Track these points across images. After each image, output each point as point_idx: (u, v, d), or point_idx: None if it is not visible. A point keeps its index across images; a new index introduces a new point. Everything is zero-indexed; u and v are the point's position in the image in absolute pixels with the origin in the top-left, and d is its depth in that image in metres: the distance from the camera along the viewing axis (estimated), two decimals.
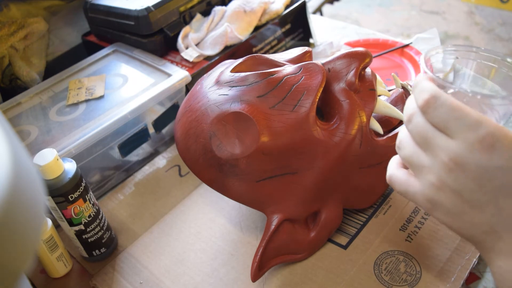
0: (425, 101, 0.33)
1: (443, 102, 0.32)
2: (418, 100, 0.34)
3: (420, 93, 0.34)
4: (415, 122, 0.35)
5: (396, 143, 0.38)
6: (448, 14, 2.47)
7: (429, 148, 0.34)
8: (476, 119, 0.31)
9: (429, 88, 0.34)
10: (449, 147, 0.32)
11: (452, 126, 0.32)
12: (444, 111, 0.32)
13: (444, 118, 0.32)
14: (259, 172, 0.48)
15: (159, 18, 0.74)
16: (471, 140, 0.31)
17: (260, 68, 0.52)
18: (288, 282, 0.51)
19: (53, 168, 0.49)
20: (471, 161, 0.31)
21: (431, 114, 0.33)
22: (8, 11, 0.81)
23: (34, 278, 0.57)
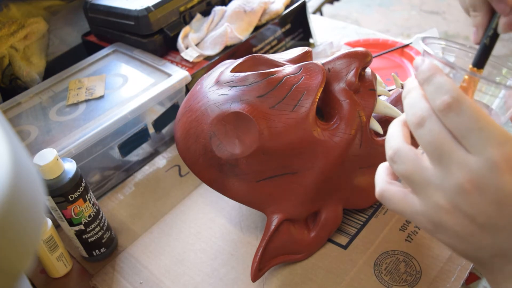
0: (447, 104, 0.28)
1: (467, 108, 0.28)
2: (436, 100, 0.29)
3: (439, 92, 0.29)
4: (430, 127, 0.29)
5: (388, 154, 0.32)
6: (448, 14, 2.47)
7: (441, 161, 0.29)
8: (502, 134, 0.27)
9: (451, 87, 0.29)
10: (468, 164, 0.28)
11: (474, 138, 0.28)
12: (467, 119, 0.28)
13: (466, 127, 0.28)
14: (259, 172, 0.48)
15: (159, 18, 0.74)
16: (495, 159, 0.27)
17: (260, 68, 0.52)
18: (288, 282, 0.51)
19: (53, 168, 0.49)
20: (492, 182, 0.27)
21: (451, 120, 0.28)
22: (8, 11, 0.81)
23: (34, 278, 0.57)
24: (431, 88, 0.30)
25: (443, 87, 0.29)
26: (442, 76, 0.30)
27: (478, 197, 0.28)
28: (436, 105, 0.29)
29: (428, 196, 0.30)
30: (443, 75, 0.30)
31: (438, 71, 0.30)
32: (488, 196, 0.27)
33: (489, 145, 0.27)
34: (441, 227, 0.30)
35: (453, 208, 0.29)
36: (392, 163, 0.32)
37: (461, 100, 0.28)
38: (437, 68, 0.31)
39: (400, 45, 0.82)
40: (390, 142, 0.33)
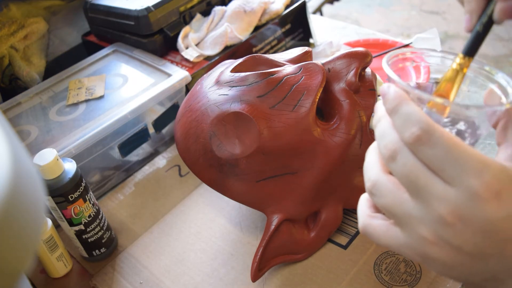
0: (416, 136, 0.27)
1: (438, 139, 0.27)
2: (405, 132, 0.28)
3: (407, 123, 0.28)
4: (403, 161, 0.28)
5: (367, 185, 0.31)
6: (448, 14, 2.47)
7: (420, 195, 0.28)
8: (479, 162, 0.26)
9: (419, 118, 0.28)
10: (447, 196, 0.27)
11: (450, 170, 0.27)
12: (440, 151, 0.27)
13: (440, 159, 0.27)
14: (259, 172, 0.48)
15: (159, 18, 0.74)
16: (475, 189, 0.26)
17: (260, 68, 0.52)
18: (288, 282, 0.51)
19: (53, 168, 0.49)
20: (475, 213, 0.26)
21: (423, 153, 0.27)
22: (8, 11, 0.81)
23: (34, 278, 0.57)
24: (399, 120, 0.29)
25: (410, 118, 0.28)
26: (409, 106, 0.28)
27: (463, 228, 0.27)
28: (405, 137, 0.28)
29: (411, 229, 0.29)
30: (410, 104, 0.29)
31: (404, 99, 0.29)
32: (472, 226, 0.26)
33: (467, 176, 0.26)
34: (428, 259, 0.29)
35: (438, 239, 0.28)
36: (372, 195, 0.31)
37: (431, 131, 0.27)
38: (403, 96, 0.29)
39: (400, 45, 0.82)
40: (368, 173, 0.31)
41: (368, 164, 0.32)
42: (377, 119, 0.32)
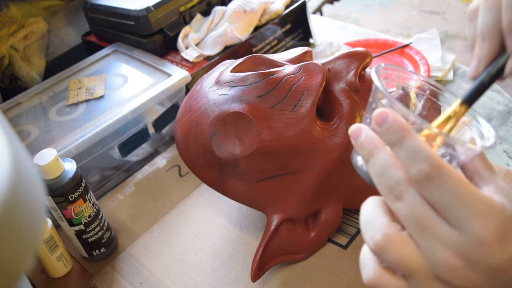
0: (425, 174, 0.26)
1: (447, 178, 0.26)
2: (412, 169, 0.27)
3: (414, 159, 0.27)
4: (409, 202, 0.27)
5: (375, 241, 0.28)
6: (448, 14, 2.47)
7: (424, 237, 0.27)
8: (487, 205, 0.26)
9: (428, 154, 0.26)
10: (453, 240, 0.26)
11: (456, 213, 0.26)
12: (448, 192, 0.26)
13: (447, 201, 0.26)
14: (259, 172, 0.48)
15: (159, 18, 0.74)
16: (481, 234, 0.26)
17: (260, 68, 0.52)
18: (288, 282, 0.51)
19: (53, 168, 0.49)
20: (481, 257, 0.26)
21: (430, 192, 0.26)
22: (8, 11, 0.81)
23: (34, 278, 0.57)
24: (404, 154, 0.27)
25: (418, 153, 0.27)
26: (416, 139, 0.27)
27: (468, 272, 0.26)
28: (413, 174, 0.27)
29: (420, 277, 0.28)
30: (416, 138, 0.27)
31: (410, 131, 0.27)
32: (479, 270, 0.26)
33: (473, 220, 0.26)
34: None
35: (444, 283, 0.27)
36: (381, 252, 0.28)
37: (441, 169, 0.26)
38: (407, 128, 0.27)
39: (400, 45, 0.82)
40: (374, 227, 0.29)
41: (370, 218, 0.29)
42: (367, 153, 0.30)
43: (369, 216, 0.30)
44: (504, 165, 0.61)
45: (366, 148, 0.30)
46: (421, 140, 0.27)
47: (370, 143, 0.29)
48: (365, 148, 0.30)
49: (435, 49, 0.81)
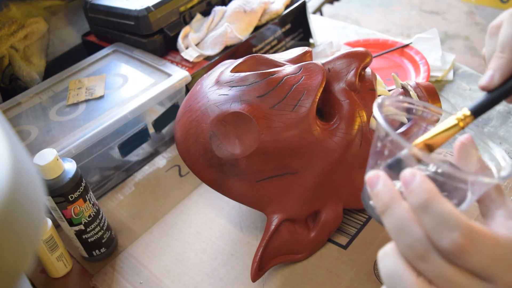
0: (459, 246, 0.25)
1: (482, 248, 0.25)
2: (442, 239, 0.25)
3: (443, 227, 0.25)
4: (438, 264, 0.26)
5: None
6: (448, 14, 2.47)
7: None
8: None
9: (458, 221, 0.25)
10: None
11: (490, 271, 0.25)
12: (482, 257, 0.25)
13: (480, 265, 0.25)
14: (259, 172, 0.48)
15: (159, 18, 0.74)
16: None
17: (260, 68, 0.52)
18: (288, 282, 0.51)
19: (53, 168, 0.49)
20: None
21: (464, 261, 0.25)
22: (8, 11, 0.81)
23: (34, 278, 0.57)
24: (431, 220, 0.26)
25: (448, 220, 0.25)
26: (443, 204, 0.25)
27: None
28: (443, 244, 0.25)
29: None
30: (444, 202, 0.26)
31: (436, 194, 0.26)
32: None
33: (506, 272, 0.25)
34: None
35: None
36: None
37: (474, 237, 0.25)
38: (434, 190, 0.26)
39: (400, 45, 0.82)
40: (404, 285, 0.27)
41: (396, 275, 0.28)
42: (383, 204, 0.28)
43: (393, 273, 0.28)
44: None
45: (382, 199, 0.28)
46: (450, 205, 0.26)
47: (386, 193, 0.28)
48: (381, 198, 0.28)
49: (435, 49, 0.81)
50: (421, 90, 0.53)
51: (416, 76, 0.76)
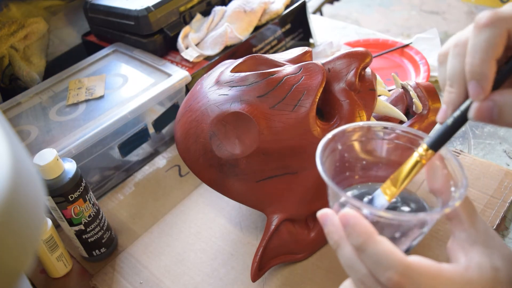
0: (395, 283, 0.27)
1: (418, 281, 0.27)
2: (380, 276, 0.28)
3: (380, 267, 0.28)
4: None
5: None
6: (448, 14, 2.47)
7: None
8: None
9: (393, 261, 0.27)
10: None
11: None
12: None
13: None
14: (259, 172, 0.48)
15: (159, 18, 0.74)
16: None
17: (260, 68, 0.52)
18: (288, 282, 0.51)
19: (53, 168, 0.49)
20: None
21: None
22: (8, 11, 0.81)
23: (34, 278, 0.57)
24: (369, 260, 0.28)
25: (382, 260, 0.27)
26: (379, 244, 0.28)
27: None
28: (382, 282, 0.27)
29: None
30: (379, 243, 0.28)
31: (371, 236, 0.28)
32: None
33: None
34: None
35: None
36: None
37: (411, 274, 0.26)
38: (368, 231, 0.28)
39: (400, 45, 0.82)
40: None
41: None
42: (334, 243, 0.30)
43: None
44: (504, 165, 0.61)
45: (332, 238, 0.31)
46: (384, 244, 0.27)
47: (335, 233, 0.30)
48: (331, 238, 0.31)
49: (435, 49, 0.81)
50: (421, 90, 0.53)
51: (416, 76, 0.76)
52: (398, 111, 0.52)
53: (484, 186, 0.57)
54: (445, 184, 0.33)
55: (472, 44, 0.30)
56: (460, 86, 0.32)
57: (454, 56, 0.32)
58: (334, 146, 0.37)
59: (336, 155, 0.37)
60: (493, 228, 0.52)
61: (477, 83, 0.30)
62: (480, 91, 0.30)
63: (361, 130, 0.37)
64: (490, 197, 0.56)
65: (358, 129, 0.37)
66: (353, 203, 0.30)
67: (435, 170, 0.34)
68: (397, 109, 0.52)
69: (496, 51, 0.29)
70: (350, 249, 0.29)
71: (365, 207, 0.30)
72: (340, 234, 0.30)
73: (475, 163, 0.60)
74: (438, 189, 0.34)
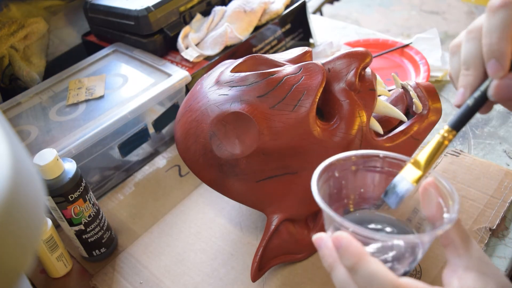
0: None
1: None
2: None
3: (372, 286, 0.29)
4: None
5: None
6: (448, 14, 2.47)
7: None
8: None
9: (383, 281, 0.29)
10: None
11: None
12: None
13: None
14: (259, 172, 0.48)
15: (159, 18, 0.74)
16: None
17: (260, 68, 0.52)
18: (288, 282, 0.51)
19: (53, 168, 0.49)
20: None
21: None
22: (8, 11, 0.81)
23: (34, 278, 0.57)
24: (361, 280, 0.29)
25: (375, 280, 0.28)
26: (370, 264, 0.29)
27: None
28: None
29: None
30: (371, 263, 0.29)
31: (363, 257, 0.29)
32: None
33: None
34: None
35: None
36: None
37: None
38: (360, 252, 0.29)
39: (400, 45, 0.82)
40: None
41: None
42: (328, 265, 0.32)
43: None
44: (504, 165, 0.61)
45: (326, 261, 0.32)
46: (376, 265, 0.28)
47: (329, 256, 0.32)
48: (325, 260, 0.32)
49: (435, 49, 0.80)
50: (421, 90, 0.53)
51: (416, 76, 0.76)
52: (398, 111, 0.52)
53: (484, 186, 0.57)
54: (439, 210, 0.34)
55: (487, 25, 0.31)
56: (477, 68, 0.33)
57: (468, 40, 0.33)
58: (330, 173, 0.38)
59: (332, 182, 0.38)
60: (493, 228, 0.52)
61: (496, 61, 0.31)
62: (500, 67, 0.31)
63: (356, 158, 0.39)
64: (490, 197, 0.56)
65: (354, 157, 0.39)
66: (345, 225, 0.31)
67: (430, 198, 0.35)
68: (397, 109, 0.52)
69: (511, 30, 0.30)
70: (344, 271, 0.30)
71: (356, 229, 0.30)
72: (333, 256, 0.31)
73: (475, 163, 0.60)
74: (433, 215, 0.35)
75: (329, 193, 0.38)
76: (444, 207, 0.34)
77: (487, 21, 0.31)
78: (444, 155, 0.63)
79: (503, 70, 0.31)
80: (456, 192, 0.33)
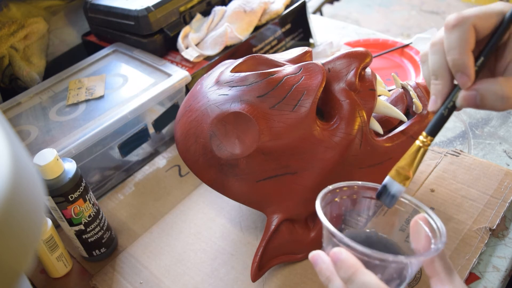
0: None
1: None
2: None
3: None
4: None
5: None
6: (448, 14, 2.47)
7: None
8: None
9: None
10: None
11: None
12: None
13: None
14: (259, 172, 0.48)
15: (159, 18, 0.74)
16: None
17: (260, 68, 0.52)
18: (288, 282, 0.51)
19: (53, 168, 0.49)
20: None
21: None
22: (8, 11, 0.81)
23: (34, 278, 0.57)
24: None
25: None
26: (365, 275, 0.31)
27: None
28: None
29: None
30: (366, 274, 0.31)
31: (358, 269, 0.32)
32: None
33: None
34: None
35: None
36: None
37: None
38: (356, 265, 0.32)
39: (400, 45, 0.82)
40: None
41: None
42: (326, 279, 0.34)
43: None
44: (504, 165, 0.61)
45: (323, 274, 0.34)
46: (370, 277, 0.31)
47: (326, 270, 0.34)
48: (323, 274, 0.34)
49: None
50: (421, 90, 0.53)
51: (416, 76, 0.76)
52: (398, 111, 0.52)
53: (484, 186, 0.57)
54: (427, 243, 0.37)
55: (447, 43, 0.35)
56: (444, 77, 0.37)
57: (433, 53, 0.37)
58: (332, 198, 0.41)
59: (333, 206, 0.41)
60: (493, 228, 0.52)
61: (462, 74, 0.35)
62: (467, 79, 0.35)
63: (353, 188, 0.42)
64: (490, 197, 0.56)
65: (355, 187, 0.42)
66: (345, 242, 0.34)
67: (419, 231, 0.37)
68: (397, 109, 0.52)
69: (469, 43, 0.34)
70: (341, 283, 0.33)
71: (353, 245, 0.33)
72: (331, 270, 0.34)
73: (475, 163, 0.60)
74: (422, 247, 0.37)
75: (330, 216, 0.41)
76: (432, 238, 0.37)
77: (446, 38, 0.35)
78: (444, 155, 0.63)
79: (470, 80, 0.35)
80: (444, 228, 0.36)
